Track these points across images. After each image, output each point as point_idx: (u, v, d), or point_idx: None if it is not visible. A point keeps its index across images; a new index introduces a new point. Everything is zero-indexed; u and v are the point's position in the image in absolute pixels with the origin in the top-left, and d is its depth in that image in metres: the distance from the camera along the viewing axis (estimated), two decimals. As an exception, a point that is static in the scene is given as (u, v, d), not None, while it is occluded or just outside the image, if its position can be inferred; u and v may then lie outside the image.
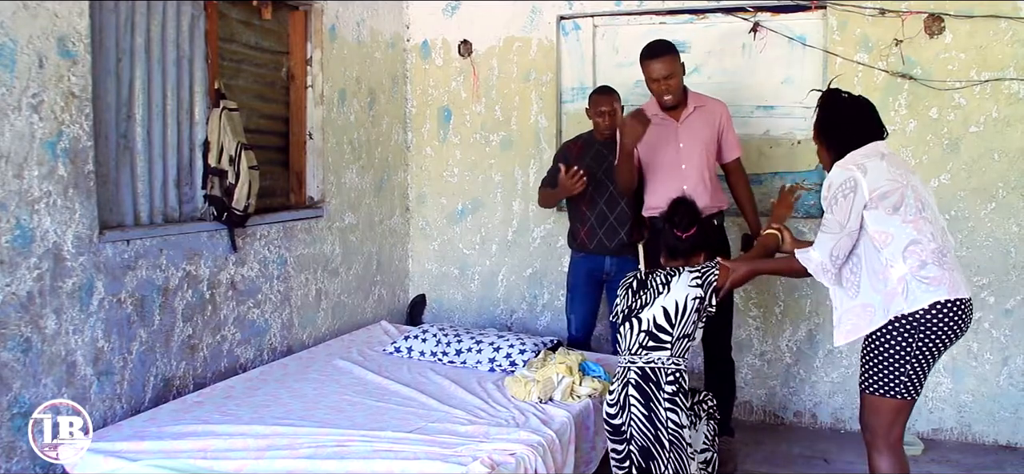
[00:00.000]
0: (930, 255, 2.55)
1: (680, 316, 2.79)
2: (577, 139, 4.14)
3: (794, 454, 4.00)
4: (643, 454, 2.79)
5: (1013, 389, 4.07)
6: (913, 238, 2.56)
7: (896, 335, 2.57)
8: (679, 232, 2.92)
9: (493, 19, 4.74)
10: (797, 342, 4.36)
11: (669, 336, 2.79)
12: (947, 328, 2.56)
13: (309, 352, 3.88)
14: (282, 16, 4.01)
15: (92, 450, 2.60)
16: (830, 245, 2.61)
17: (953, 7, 3.97)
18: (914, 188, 2.62)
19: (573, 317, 4.14)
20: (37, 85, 2.63)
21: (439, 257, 5.01)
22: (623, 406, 2.83)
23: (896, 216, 2.56)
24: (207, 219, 3.43)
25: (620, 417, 2.84)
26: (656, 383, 2.77)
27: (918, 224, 2.57)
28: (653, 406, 2.77)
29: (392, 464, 2.54)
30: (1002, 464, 3.89)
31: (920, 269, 2.54)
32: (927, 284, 2.53)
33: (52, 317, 2.71)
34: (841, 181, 2.60)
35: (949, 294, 2.54)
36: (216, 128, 3.38)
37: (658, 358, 2.79)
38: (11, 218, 2.57)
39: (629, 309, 2.90)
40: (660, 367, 2.78)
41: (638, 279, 2.95)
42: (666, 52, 3.62)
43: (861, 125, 2.71)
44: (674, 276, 2.86)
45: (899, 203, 2.57)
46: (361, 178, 4.52)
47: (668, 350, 2.79)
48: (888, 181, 2.58)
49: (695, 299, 2.80)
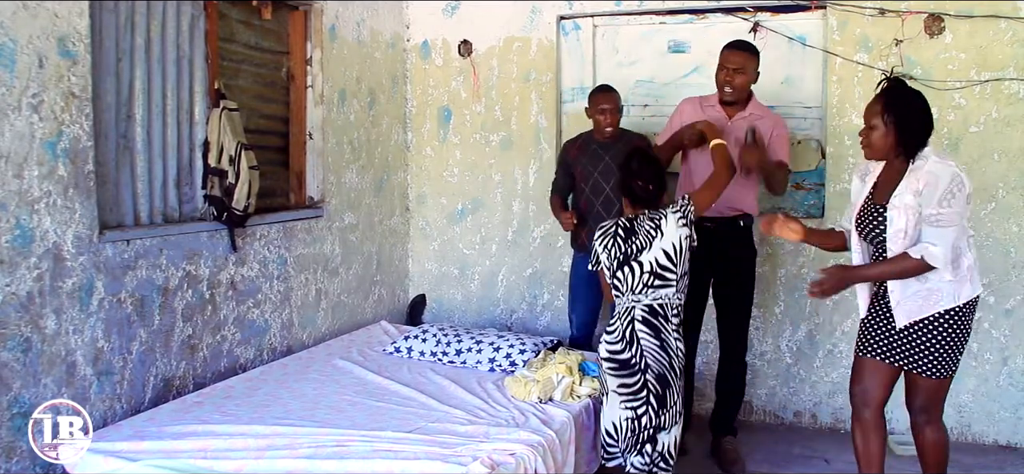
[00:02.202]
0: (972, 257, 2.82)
1: (679, 255, 3.00)
2: (576, 139, 4.14)
3: (794, 454, 3.99)
4: (660, 381, 2.97)
5: (1013, 389, 4.07)
6: (968, 232, 2.83)
7: (967, 319, 2.81)
8: (642, 182, 3.06)
9: (493, 19, 4.74)
10: (797, 342, 4.36)
11: (674, 274, 2.99)
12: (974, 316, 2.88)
13: (309, 352, 3.89)
14: (282, 16, 4.01)
15: (92, 450, 2.60)
16: (952, 238, 2.69)
17: (953, 7, 3.97)
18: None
19: (574, 316, 4.15)
20: (37, 85, 2.63)
21: (439, 257, 5.01)
22: (630, 341, 2.98)
23: (967, 208, 2.75)
24: (207, 219, 3.43)
25: (628, 351, 2.98)
26: (664, 316, 2.99)
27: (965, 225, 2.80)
28: (664, 336, 2.98)
29: (392, 464, 2.54)
30: (1002, 464, 3.89)
31: (975, 262, 2.83)
32: (978, 275, 2.85)
33: (52, 317, 2.71)
34: (951, 176, 2.69)
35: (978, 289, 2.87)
36: (216, 128, 3.38)
37: (665, 295, 3.00)
38: (11, 218, 2.57)
39: (624, 255, 3.04)
40: (667, 302, 2.99)
41: (623, 227, 3.08)
42: (746, 49, 3.69)
43: (930, 123, 2.79)
44: (662, 219, 3.03)
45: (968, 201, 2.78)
46: (361, 178, 4.52)
47: (673, 287, 3.00)
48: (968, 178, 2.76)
49: (686, 237, 3.01)
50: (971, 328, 2.87)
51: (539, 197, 4.74)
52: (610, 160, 3.82)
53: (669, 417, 2.99)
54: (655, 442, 3.01)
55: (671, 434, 3.02)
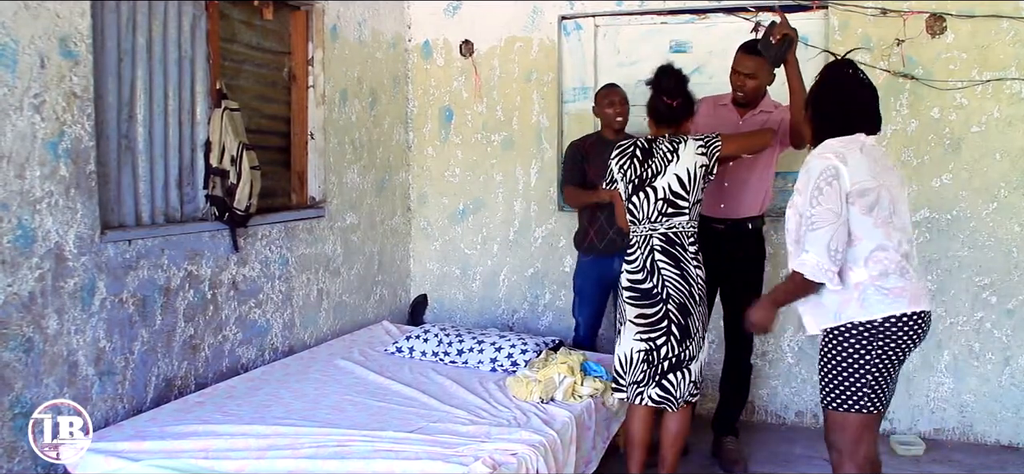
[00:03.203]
0: (894, 265, 2.41)
1: (693, 182, 2.99)
2: (588, 137, 4.13)
3: (796, 454, 3.99)
4: (681, 311, 2.99)
5: (1015, 389, 4.06)
6: (880, 243, 2.41)
7: (852, 342, 2.43)
8: (668, 99, 3.06)
9: (494, 19, 4.74)
10: (799, 342, 4.36)
11: (686, 201, 3.00)
12: (905, 339, 2.43)
13: (310, 352, 3.89)
14: (283, 16, 4.01)
15: (93, 450, 2.60)
16: (826, 238, 2.38)
17: (954, 7, 3.96)
18: (889, 189, 2.46)
19: (580, 319, 4.14)
20: (39, 85, 2.63)
21: (440, 257, 5.01)
22: (651, 271, 3.00)
23: (869, 217, 2.41)
24: (209, 219, 3.43)
25: (649, 281, 3.01)
26: (681, 245, 3.00)
27: (888, 229, 2.43)
28: (684, 266, 2.99)
29: (393, 464, 2.54)
30: (1004, 464, 3.89)
31: (881, 278, 2.41)
32: (886, 295, 2.40)
33: (54, 317, 2.72)
34: (820, 169, 2.40)
35: (909, 307, 2.41)
36: (218, 128, 3.39)
37: (678, 223, 3.01)
38: (13, 218, 2.57)
39: (640, 179, 3.06)
40: (682, 231, 3.00)
41: (642, 148, 3.08)
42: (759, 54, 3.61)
43: (857, 113, 2.51)
44: (680, 144, 3.02)
45: (874, 203, 2.42)
46: (363, 178, 4.52)
47: (686, 214, 3.00)
48: (869, 176, 2.41)
49: (702, 167, 2.99)
50: (875, 356, 2.43)
51: (540, 197, 4.74)
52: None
53: (695, 345, 3.02)
54: (687, 372, 3.04)
55: (699, 361, 3.06)
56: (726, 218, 3.70)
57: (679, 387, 3.04)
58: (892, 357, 2.45)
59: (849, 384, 2.46)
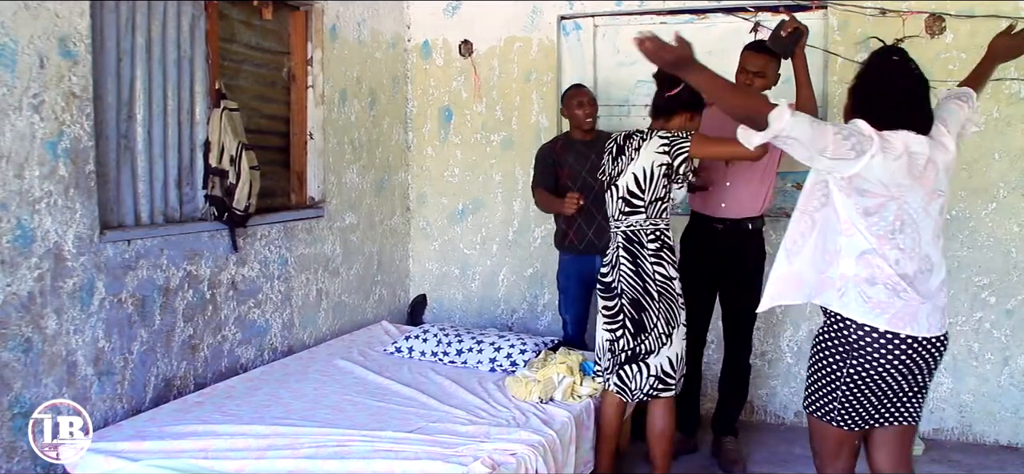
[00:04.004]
0: (885, 278, 2.21)
1: (649, 182, 2.99)
2: (557, 139, 4.16)
3: (795, 454, 3.99)
4: (634, 305, 3.05)
5: (1014, 389, 4.06)
6: (876, 249, 2.22)
7: (832, 344, 2.31)
8: (662, 90, 3.09)
9: (494, 19, 4.74)
10: (798, 342, 4.36)
11: (641, 201, 3.02)
12: (885, 361, 2.23)
13: (310, 352, 3.89)
14: (283, 16, 4.01)
15: (93, 450, 2.60)
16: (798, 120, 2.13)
17: (954, 7, 3.97)
18: (903, 205, 2.22)
19: (567, 317, 4.15)
20: (38, 85, 2.63)
21: (440, 257, 5.01)
22: (614, 265, 3.11)
23: (864, 219, 2.22)
24: (208, 219, 3.43)
25: (611, 275, 3.12)
26: (639, 242, 3.04)
27: (884, 242, 2.21)
28: (640, 262, 3.03)
29: (393, 464, 2.54)
30: (1003, 464, 3.89)
31: (867, 283, 2.22)
32: (866, 303, 2.22)
33: (53, 317, 2.71)
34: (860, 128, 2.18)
35: (889, 325, 2.21)
36: (217, 128, 3.38)
37: (635, 221, 3.05)
38: (12, 218, 2.57)
39: (610, 177, 3.13)
40: (640, 228, 3.04)
41: (618, 144, 3.13)
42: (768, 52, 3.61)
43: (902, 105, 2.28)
44: (645, 141, 3.03)
45: (873, 211, 2.21)
46: (362, 178, 4.52)
47: (643, 214, 3.03)
48: (880, 183, 2.19)
49: (661, 165, 2.98)
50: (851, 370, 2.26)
51: (540, 197, 4.74)
52: (595, 158, 3.81)
53: (653, 340, 3.04)
54: (644, 366, 3.07)
55: (661, 356, 3.06)
56: (726, 218, 3.70)
57: (634, 380, 3.09)
58: (870, 379, 2.25)
59: (825, 389, 2.34)
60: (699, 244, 3.76)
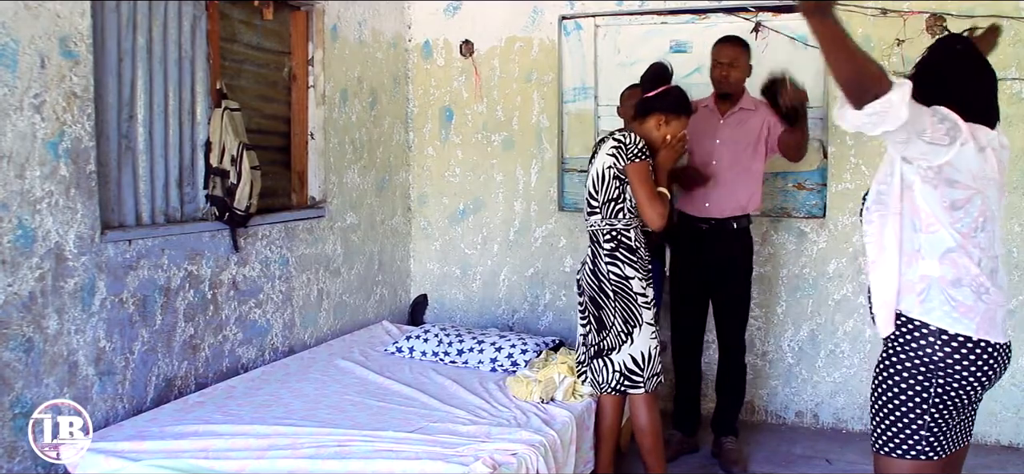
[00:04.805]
0: (971, 279, 2.03)
1: (602, 184, 3.07)
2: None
3: (796, 454, 3.99)
4: (593, 303, 3.16)
5: (1015, 389, 4.06)
6: (958, 247, 2.03)
7: (912, 364, 2.05)
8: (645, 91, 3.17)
9: (495, 19, 4.74)
10: (799, 342, 4.36)
11: (596, 202, 3.10)
12: (974, 371, 2.02)
13: (311, 352, 3.89)
14: (284, 16, 4.01)
15: (94, 450, 2.60)
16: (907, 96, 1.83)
17: (954, 7, 3.97)
18: (986, 201, 2.06)
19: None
20: (39, 85, 2.63)
21: (441, 257, 5.01)
22: (583, 264, 3.23)
23: (949, 215, 2.02)
24: (209, 219, 3.43)
25: (580, 273, 3.24)
26: (597, 242, 3.11)
27: (968, 240, 2.04)
28: (597, 261, 3.11)
29: (393, 464, 2.54)
30: (1004, 464, 3.88)
31: (953, 286, 2.02)
32: (953, 308, 2.02)
33: (54, 317, 2.72)
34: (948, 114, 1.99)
35: (978, 333, 2.01)
36: (218, 128, 3.39)
37: (594, 222, 3.12)
38: (13, 218, 2.57)
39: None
40: (598, 229, 3.11)
41: (594, 149, 3.21)
42: (737, 43, 3.72)
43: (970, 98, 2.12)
44: (602, 143, 3.14)
45: (960, 205, 2.02)
46: (363, 178, 4.52)
47: (599, 214, 3.09)
48: (969, 174, 2.01)
49: (609, 168, 3.04)
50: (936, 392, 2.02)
51: (541, 197, 4.74)
52: None
53: (613, 337, 3.09)
54: (608, 362, 3.12)
55: (623, 354, 3.08)
56: (710, 218, 3.72)
57: (601, 373, 3.14)
58: (957, 394, 2.03)
59: (903, 420, 2.07)
60: (686, 245, 3.77)
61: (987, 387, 2.09)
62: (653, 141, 3.11)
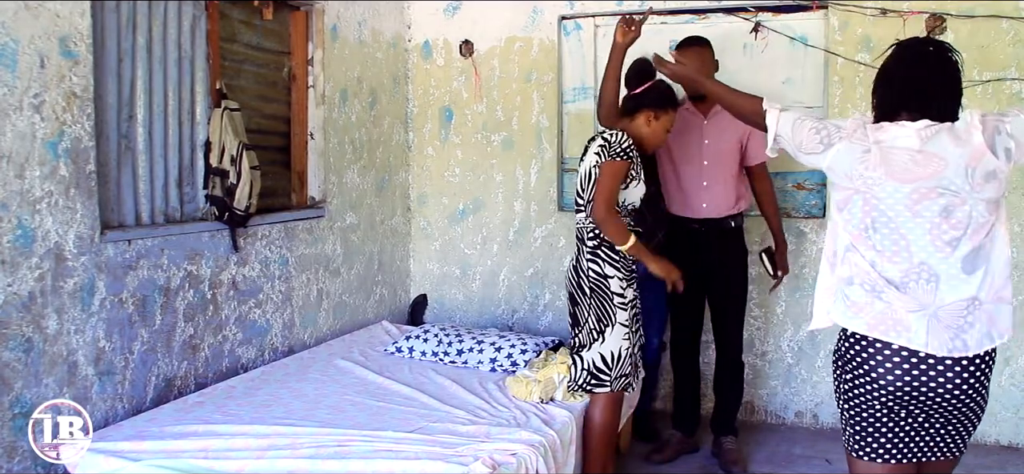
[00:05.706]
0: (863, 277, 2.05)
1: (588, 182, 3.06)
2: None
3: (796, 454, 3.99)
4: (570, 299, 3.17)
5: (1015, 389, 4.06)
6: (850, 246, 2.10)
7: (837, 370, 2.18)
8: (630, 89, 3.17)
9: (494, 19, 4.74)
10: (799, 342, 4.36)
11: (582, 199, 3.10)
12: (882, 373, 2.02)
13: (310, 352, 3.89)
14: (283, 16, 4.01)
15: (93, 450, 2.60)
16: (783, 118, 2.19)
17: (954, 7, 3.97)
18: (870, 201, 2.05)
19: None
20: (39, 85, 2.63)
21: (440, 257, 5.01)
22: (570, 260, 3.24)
23: (839, 215, 2.12)
24: (209, 219, 3.43)
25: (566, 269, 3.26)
26: (581, 239, 3.12)
27: (859, 240, 2.07)
28: (579, 258, 3.12)
29: (393, 464, 2.54)
30: (1004, 464, 3.89)
31: (846, 283, 2.09)
32: (847, 306, 2.08)
33: (53, 317, 2.72)
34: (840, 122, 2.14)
35: (873, 331, 2.02)
36: (218, 128, 3.39)
37: (580, 219, 3.13)
38: (12, 218, 2.57)
39: None
40: (582, 226, 3.11)
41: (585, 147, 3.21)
42: (696, 44, 3.70)
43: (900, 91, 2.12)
44: (593, 141, 3.13)
45: (843, 205, 2.11)
46: (362, 178, 4.52)
47: (584, 211, 3.09)
48: (843, 175, 2.08)
49: (595, 166, 3.04)
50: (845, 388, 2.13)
51: (540, 197, 4.74)
52: None
53: (585, 335, 3.10)
54: (579, 359, 3.12)
55: (593, 352, 3.07)
56: (703, 218, 3.72)
57: (575, 368, 3.14)
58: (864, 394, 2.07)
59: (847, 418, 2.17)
60: (681, 247, 3.77)
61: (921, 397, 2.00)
62: (643, 137, 3.14)
